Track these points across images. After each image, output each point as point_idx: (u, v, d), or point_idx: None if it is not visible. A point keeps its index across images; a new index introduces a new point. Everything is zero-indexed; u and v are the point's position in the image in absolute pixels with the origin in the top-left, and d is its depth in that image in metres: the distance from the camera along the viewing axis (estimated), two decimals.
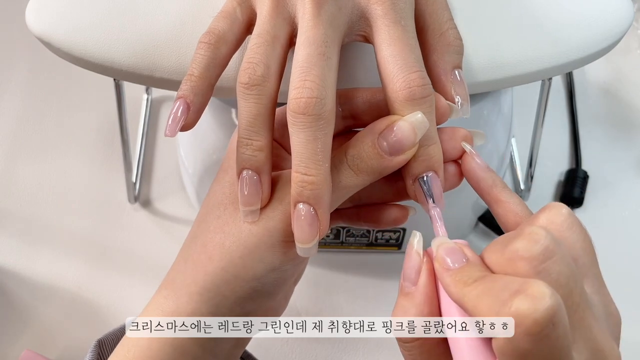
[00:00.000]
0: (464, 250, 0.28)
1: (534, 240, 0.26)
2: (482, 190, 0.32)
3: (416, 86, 0.31)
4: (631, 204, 0.66)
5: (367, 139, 0.32)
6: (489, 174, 0.32)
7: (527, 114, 0.61)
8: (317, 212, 0.30)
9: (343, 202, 0.36)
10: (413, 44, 0.32)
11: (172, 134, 0.33)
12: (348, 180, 0.32)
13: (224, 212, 0.34)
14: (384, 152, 0.31)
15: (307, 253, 0.31)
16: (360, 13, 0.33)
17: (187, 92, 0.33)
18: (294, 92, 0.30)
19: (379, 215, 0.37)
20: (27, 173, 0.67)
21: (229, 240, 0.33)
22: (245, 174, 0.32)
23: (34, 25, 0.41)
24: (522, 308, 0.23)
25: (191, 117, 0.33)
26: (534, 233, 0.26)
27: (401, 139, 0.31)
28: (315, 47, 0.31)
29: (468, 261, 0.28)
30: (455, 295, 0.27)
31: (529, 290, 0.24)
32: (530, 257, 0.25)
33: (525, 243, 0.26)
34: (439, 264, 0.28)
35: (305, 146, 0.30)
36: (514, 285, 0.24)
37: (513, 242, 0.26)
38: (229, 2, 0.34)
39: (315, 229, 0.30)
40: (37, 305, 0.59)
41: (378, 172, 0.32)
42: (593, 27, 0.41)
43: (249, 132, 0.31)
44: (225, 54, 0.34)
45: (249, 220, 0.32)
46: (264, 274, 0.33)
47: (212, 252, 0.33)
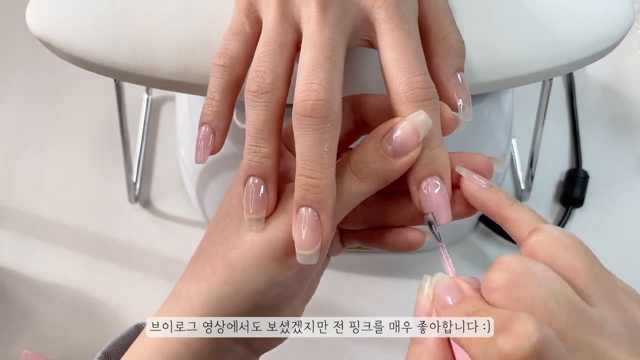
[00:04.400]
0: (460, 285, 0.28)
1: (498, 270, 0.26)
2: (490, 212, 0.32)
3: (419, 88, 0.31)
4: (632, 204, 0.66)
5: (370, 143, 0.32)
6: (493, 193, 0.32)
7: (528, 114, 0.61)
8: (320, 217, 0.30)
9: (355, 223, 0.36)
10: (416, 48, 0.32)
11: (203, 160, 0.33)
12: (352, 187, 0.31)
13: (230, 224, 0.34)
14: (387, 154, 0.31)
15: (307, 260, 0.31)
16: (365, 17, 0.33)
17: (210, 117, 0.33)
18: (301, 94, 0.30)
19: (394, 238, 0.36)
20: (27, 173, 0.67)
21: (233, 251, 0.33)
22: (251, 181, 0.32)
23: (34, 26, 0.41)
24: (505, 348, 0.23)
25: (218, 141, 0.34)
26: (501, 262, 0.26)
27: (404, 139, 0.31)
28: (321, 50, 0.31)
29: (464, 297, 0.27)
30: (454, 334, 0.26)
31: (512, 327, 0.23)
32: (498, 287, 0.26)
33: (494, 273, 0.26)
34: (437, 302, 0.28)
35: (311, 149, 0.30)
36: (499, 322, 0.24)
37: (487, 273, 0.26)
38: (237, 17, 0.34)
39: (318, 235, 0.30)
40: (37, 305, 0.59)
41: (382, 177, 0.32)
42: (594, 28, 0.41)
43: (257, 139, 0.31)
44: (241, 73, 0.34)
45: (253, 229, 0.32)
46: (266, 287, 0.32)
47: (215, 264, 0.33)
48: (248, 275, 0.32)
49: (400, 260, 0.62)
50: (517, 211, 0.31)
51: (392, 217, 0.35)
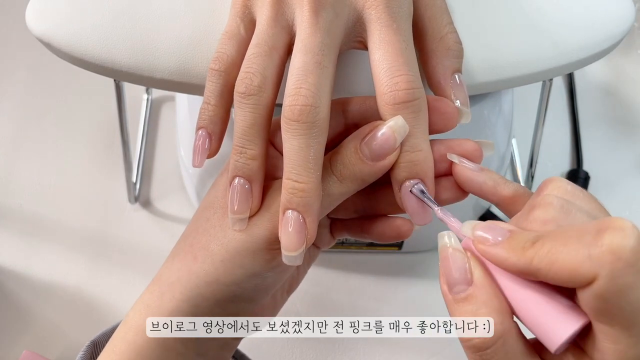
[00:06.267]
0: (500, 224, 0.27)
1: (545, 205, 0.27)
2: (487, 194, 0.32)
3: (400, 90, 0.30)
4: (632, 205, 0.66)
5: (350, 145, 0.32)
6: (487, 175, 0.32)
7: (528, 115, 0.61)
8: (305, 220, 0.30)
9: (347, 212, 0.36)
10: (403, 47, 0.31)
11: (200, 164, 0.34)
12: (333, 188, 0.32)
13: (213, 215, 0.34)
14: (365, 157, 0.31)
15: (292, 261, 0.31)
16: (357, 18, 0.33)
17: (206, 122, 0.34)
18: (289, 99, 0.30)
19: (383, 228, 0.36)
20: (27, 173, 0.67)
21: (214, 243, 0.33)
22: (236, 181, 0.32)
23: (34, 26, 0.41)
24: (615, 241, 0.23)
25: (214, 145, 0.34)
26: (548, 196, 0.27)
27: (382, 144, 0.31)
28: (311, 55, 0.31)
29: (511, 230, 0.26)
30: (520, 264, 0.25)
31: (612, 225, 0.23)
32: (553, 217, 0.26)
33: (540, 210, 0.27)
34: (484, 244, 0.27)
35: (298, 153, 0.30)
36: (591, 227, 0.24)
37: (533, 211, 0.27)
38: (232, 20, 0.34)
39: (303, 237, 0.30)
40: (37, 305, 0.59)
41: (361, 179, 0.32)
42: (594, 28, 0.40)
43: (244, 140, 0.32)
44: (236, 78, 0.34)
45: (236, 228, 0.33)
46: (244, 279, 0.33)
47: (196, 253, 0.34)
48: (227, 267, 0.33)
49: (400, 260, 0.62)
50: (514, 188, 0.31)
51: (382, 206, 0.36)
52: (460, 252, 0.28)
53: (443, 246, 0.28)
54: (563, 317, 0.25)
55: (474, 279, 0.27)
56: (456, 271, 0.27)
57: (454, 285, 0.27)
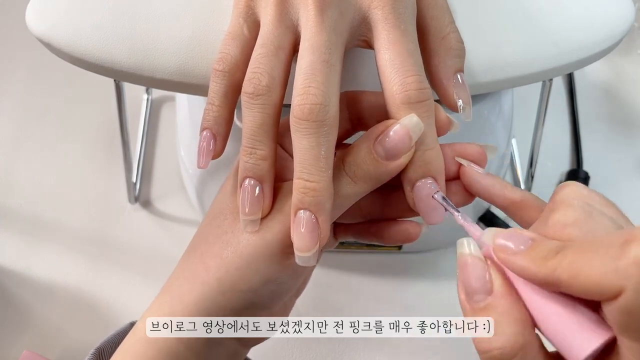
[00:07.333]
0: (522, 232, 0.26)
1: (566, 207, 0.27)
2: (494, 197, 0.32)
3: (412, 90, 0.30)
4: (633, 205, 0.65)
5: (363, 145, 0.32)
6: (495, 179, 0.32)
7: (528, 114, 0.61)
8: (318, 220, 0.30)
9: (354, 217, 0.36)
10: (412, 48, 0.32)
11: (205, 165, 0.34)
12: (346, 189, 0.32)
13: (223, 222, 0.34)
14: (380, 157, 0.31)
15: (306, 262, 0.31)
16: (362, 18, 0.33)
17: (210, 122, 0.33)
18: (298, 98, 0.30)
19: (390, 231, 0.36)
20: (27, 173, 0.67)
21: (227, 250, 0.33)
22: (247, 182, 0.32)
23: (34, 26, 0.41)
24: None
25: (219, 146, 0.34)
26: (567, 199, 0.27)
27: (396, 143, 0.31)
28: (318, 54, 0.31)
29: (534, 239, 0.26)
30: (542, 274, 0.24)
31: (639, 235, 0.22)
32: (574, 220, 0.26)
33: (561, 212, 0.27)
34: (505, 253, 0.26)
35: (309, 152, 0.30)
36: (616, 238, 0.23)
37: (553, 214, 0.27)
38: (235, 20, 0.34)
39: (316, 237, 0.30)
40: (37, 305, 0.59)
41: (375, 179, 0.32)
42: (594, 28, 0.40)
43: (253, 141, 0.31)
44: (240, 78, 0.34)
45: (249, 230, 0.32)
46: (260, 286, 0.32)
47: (209, 263, 0.33)
48: (243, 273, 0.32)
49: (400, 260, 0.62)
50: (521, 193, 0.31)
51: (390, 210, 0.35)
52: (480, 260, 0.27)
53: (462, 253, 0.27)
54: (587, 331, 0.24)
55: (494, 288, 0.26)
56: (475, 280, 0.26)
57: (473, 294, 0.26)
